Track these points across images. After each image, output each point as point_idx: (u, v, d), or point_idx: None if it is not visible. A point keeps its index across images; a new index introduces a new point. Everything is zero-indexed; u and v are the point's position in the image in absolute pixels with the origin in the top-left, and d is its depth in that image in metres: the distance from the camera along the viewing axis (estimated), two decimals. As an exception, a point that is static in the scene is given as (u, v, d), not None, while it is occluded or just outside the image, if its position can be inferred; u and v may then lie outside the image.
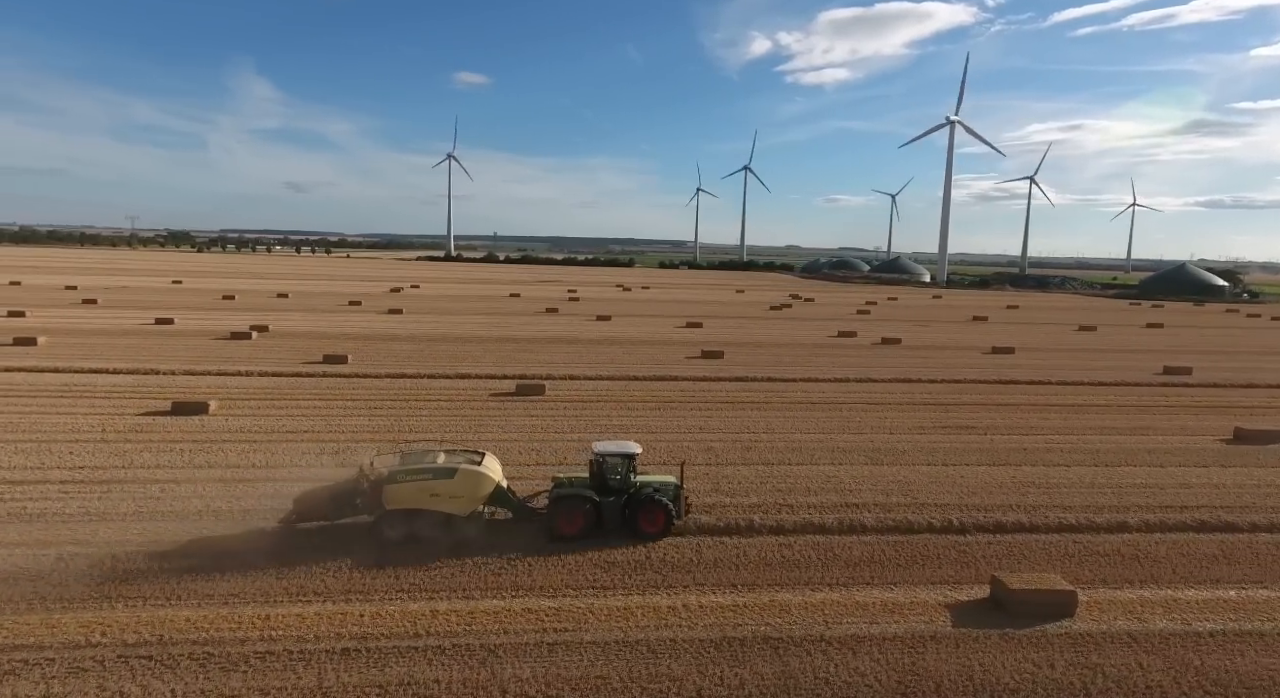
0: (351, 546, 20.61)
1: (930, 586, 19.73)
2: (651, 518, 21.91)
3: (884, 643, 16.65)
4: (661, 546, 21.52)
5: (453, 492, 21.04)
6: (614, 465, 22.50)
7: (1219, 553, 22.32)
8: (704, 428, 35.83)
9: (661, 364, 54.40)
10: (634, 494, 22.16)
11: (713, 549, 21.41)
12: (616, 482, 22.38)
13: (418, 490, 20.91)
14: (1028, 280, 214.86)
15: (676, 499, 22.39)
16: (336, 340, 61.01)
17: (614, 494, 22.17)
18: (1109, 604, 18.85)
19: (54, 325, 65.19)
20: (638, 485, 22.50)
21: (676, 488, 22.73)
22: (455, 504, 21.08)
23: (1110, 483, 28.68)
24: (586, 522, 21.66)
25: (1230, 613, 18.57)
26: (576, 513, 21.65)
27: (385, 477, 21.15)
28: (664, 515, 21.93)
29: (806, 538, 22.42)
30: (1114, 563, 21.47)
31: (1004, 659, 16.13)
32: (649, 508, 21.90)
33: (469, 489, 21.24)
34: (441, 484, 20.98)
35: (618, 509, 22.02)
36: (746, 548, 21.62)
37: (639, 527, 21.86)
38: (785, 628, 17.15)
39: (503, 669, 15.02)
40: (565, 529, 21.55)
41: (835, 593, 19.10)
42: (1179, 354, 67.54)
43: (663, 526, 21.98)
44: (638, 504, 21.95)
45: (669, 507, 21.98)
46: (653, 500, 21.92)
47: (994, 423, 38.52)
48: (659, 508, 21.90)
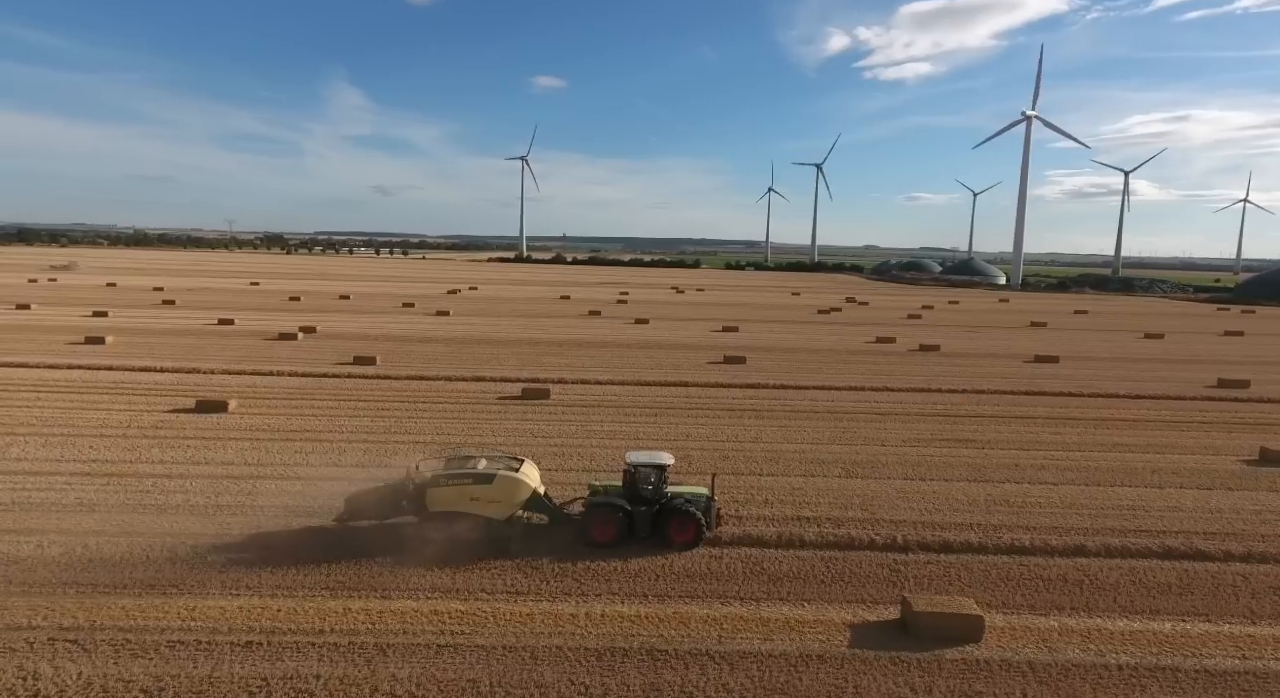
0: (276, 543, 21.93)
1: (846, 604, 19.59)
2: (682, 528, 22.49)
3: (767, 660, 16.73)
4: (593, 553, 21.99)
5: (491, 497, 22.17)
6: (646, 475, 23.10)
7: (1176, 583, 21.27)
8: (691, 436, 36.05)
9: (680, 369, 54.70)
10: (665, 505, 22.76)
11: (641, 559, 21.77)
12: (649, 492, 22.97)
13: (458, 494, 22.14)
14: (1112, 283, 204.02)
15: (707, 511, 22.90)
16: (375, 342, 63.71)
17: (646, 504, 22.79)
18: (1025, 632, 18.33)
19: (127, 325, 70.35)
20: (669, 496, 23.07)
21: (708, 499, 23.24)
22: (494, 509, 22.23)
23: (1093, 504, 27.55)
24: (619, 530, 22.40)
25: (1154, 647, 17.79)
26: (610, 521, 22.40)
27: (429, 480, 22.46)
28: (694, 527, 22.47)
29: (740, 551, 22.51)
30: (1053, 589, 20.75)
31: (881, 683, 16.00)
32: (680, 519, 22.48)
33: (507, 495, 22.33)
34: (481, 489, 22.15)
35: (649, 519, 22.65)
36: (676, 559, 21.89)
37: (670, 537, 22.45)
38: (675, 641, 17.42)
39: (384, 669, 15.87)
40: (599, 536, 22.36)
41: (743, 608, 19.19)
42: (1245, 366, 63.37)
43: (693, 536, 22.49)
44: (669, 515, 22.56)
45: (699, 518, 22.49)
46: (684, 512, 22.46)
47: (998, 437, 37.33)
48: (690, 519, 22.45)
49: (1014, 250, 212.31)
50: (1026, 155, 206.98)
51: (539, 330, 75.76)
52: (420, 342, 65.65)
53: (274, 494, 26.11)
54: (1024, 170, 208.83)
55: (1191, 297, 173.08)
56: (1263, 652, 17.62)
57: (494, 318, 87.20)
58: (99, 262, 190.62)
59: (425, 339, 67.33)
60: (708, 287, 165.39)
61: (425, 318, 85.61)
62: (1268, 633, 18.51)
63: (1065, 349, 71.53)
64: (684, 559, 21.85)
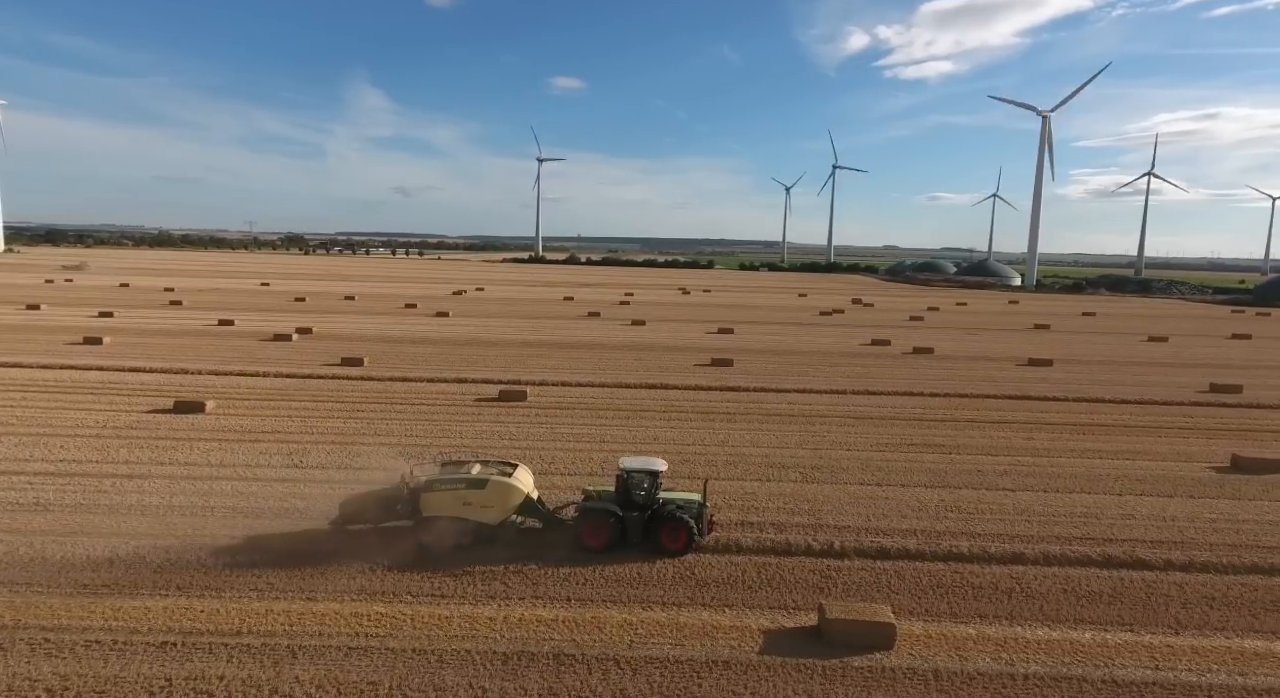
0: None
1: (768, 610, 19.61)
2: (674, 535, 22.58)
3: (672, 666, 16.82)
4: (522, 557, 22.15)
5: (484, 502, 22.49)
6: (639, 481, 23.25)
7: (1108, 591, 21.07)
8: (658, 439, 36.15)
9: (665, 372, 54.78)
10: (657, 511, 22.92)
11: (572, 563, 21.92)
12: (641, 497, 23.12)
13: (452, 499, 22.47)
14: (1129, 284, 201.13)
15: (699, 517, 23.03)
16: (368, 343, 64.40)
17: (638, 510, 22.96)
18: (940, 640, 18.27)
19: (129, 326, 71.65)
20: (661, 502, 23.24)
21: (700, 506, 23.37)
22: (486, 514, 22.56)
23: (1046, 511, 27.32)
24: (610, 535, 22.57)
25: (1067, 656, 17.66)
26: (601, 526, 22.59)
27: (423, 485, 22.84)
28: (686, 533, 22.56)
29: (673, 557, 22.59)
30: (981, 597, 20.64)
31: (780, 689, 16.02)
32: (672, 525, 22.59)
33: (499, 500, 22.65)
34: (473, 494, 22.48)
35: (641, 524, 22.82)
36: (608, 564, 22.03)
37: (661, 543, 22.58)
38: (586, 645, 17.57)
39: (289, 671, 16.13)
40: (590, 541, 22.56)
41: (663, 613, 19.28)
42: (1243, 370, 62.43)
43: (685, 543, 22.58)
44: (661, 521, 22.69)
45: (691, 524, 22.58)
46: (676, 518, 22.59)
47: (969, 442, 37.07)
48: (681, 525, 22.54)
49: (1029, 251, 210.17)
50: (1041, 154, 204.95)
51: (533, 332, 76.15)
52: (413, 343, 66.26)
53: (227, 495, 26.55)
54: (1039, 169, 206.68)
55: (1209, 299, 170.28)
56: (1176, 663, 17.43)
57: (492, 319, 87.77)
58: (119, 262, 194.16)
59: (419, 340, 67.94)
60: (716, 288, 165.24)
61: (424, 319, 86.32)
62: (1187, 643, 18.31)
63: (1062, 352, 70.77)
64: (616, 563, 21.97)
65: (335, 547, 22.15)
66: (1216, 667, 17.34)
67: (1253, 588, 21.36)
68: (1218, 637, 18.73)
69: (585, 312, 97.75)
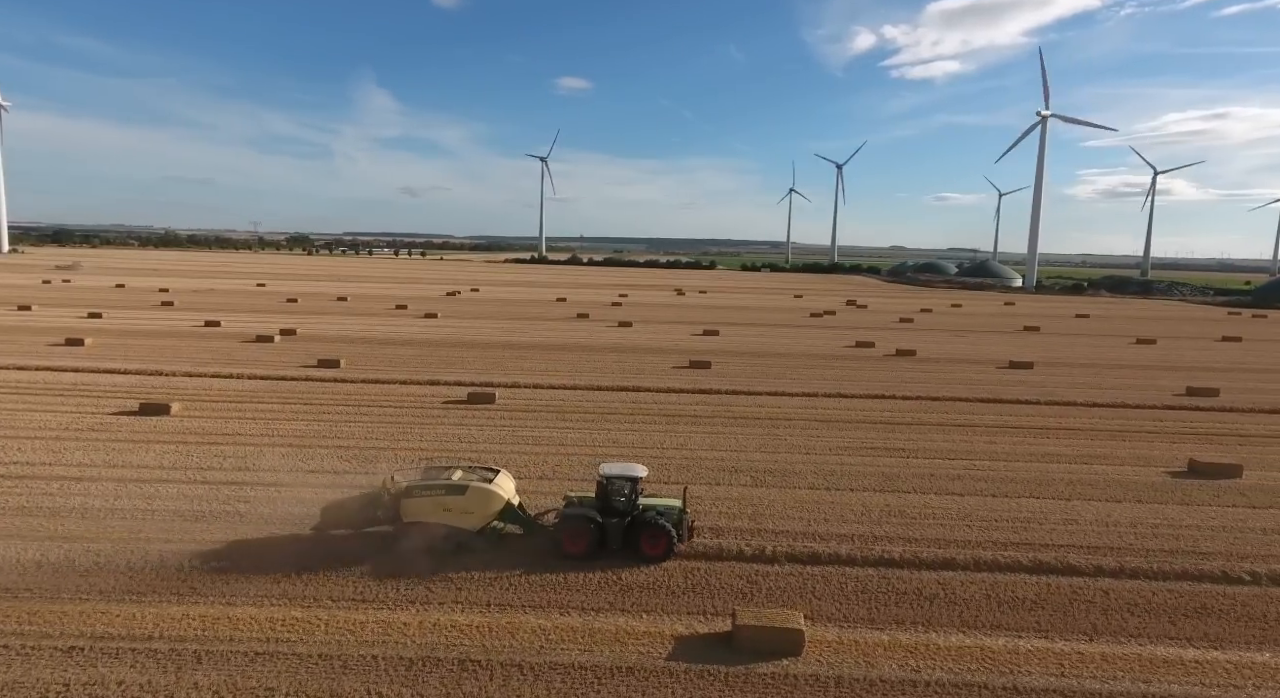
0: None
1: (687, 616, 19.62)
2: (654, 541, 22.60)
3: (576, 672, 16.87)
4: (449, 561, 22.20)
5: (464, 508, 22.56)
6: (619, 487, 23.26)
7: (1032, 598, 21.01)
8: (617, 442, 36.19)
9: (640, 374, 54.81)
10: (637, 517, 22.91)
11: (497, 567, 21.95)
12: (621, 504, 23.14)
13: (432, 505, 22.55)
14: (1131, 285, 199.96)
15: (679, 523, 23.04)
16: (349, 344, 64.67)
17: (618, 516, 22.97)
18: (851, 646, 18.27)
19: (115, 327, 72.11)
20: (641, 508, 23.25)
21: (680, 512, 23.38)
22: (467, 520, 22.62)
23: (989, 516, 27.26)
24: (590, 542, 22.59)
25: (975, 663, 17.62)
26: (581, 533, 22.60)
27: (403, 491, 22.91)
28: (666, 539, 22.56)
29: (600, 562, 22.61)
30: (903, 603, 20.61)
31: (674, 695, 16.07)
32: (651, 531, 22.59)
33: (479, 506, 22.70)
34: (454, 500, 22.55)
35: (621, 531, 22.82)
36: (535, 569, 22.06)
37: (641, 549, 22.61)
38: (495, 651, 17.63)
39: (189, 676, 16.23)
40: (570, 548, 22.58)
41: (580, 618, 19.32)
42: (1226, 373, 62.14)
43: (664, 549, 22.59)
44: (640, 527, 22.69)
45: (671, 531, 22.58)
46: (655, 524, 22.58)
47: (929, 446, 36.98)
48: (661, 532, 22.55)
49: (1028, 252, 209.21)
50: (1042, 156, 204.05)
51: (518, 334, 76.27)
52: (395, 344, 66.46)
53: (171, 499, 26.71)
54: (1039, 171, 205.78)
55: (1209, 300, 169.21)
56: (1083, 670, 17.40)
57: (479, 320, 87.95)
58: (120, 262, 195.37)
59: (402, 342, 68.14)
60: (713, 289, 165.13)
61: (412, 320, 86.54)
62: (1098, 651, 18.26)
63: (1048, 355, 70.52)
64: (543, 570, 21.99)
65: (268, 551, 22.30)
66: (1122, 674, 17.30)
67: (1177, 595, 21.27)
68: (1131, 644, 18.67)
69: (575, 313, 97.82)
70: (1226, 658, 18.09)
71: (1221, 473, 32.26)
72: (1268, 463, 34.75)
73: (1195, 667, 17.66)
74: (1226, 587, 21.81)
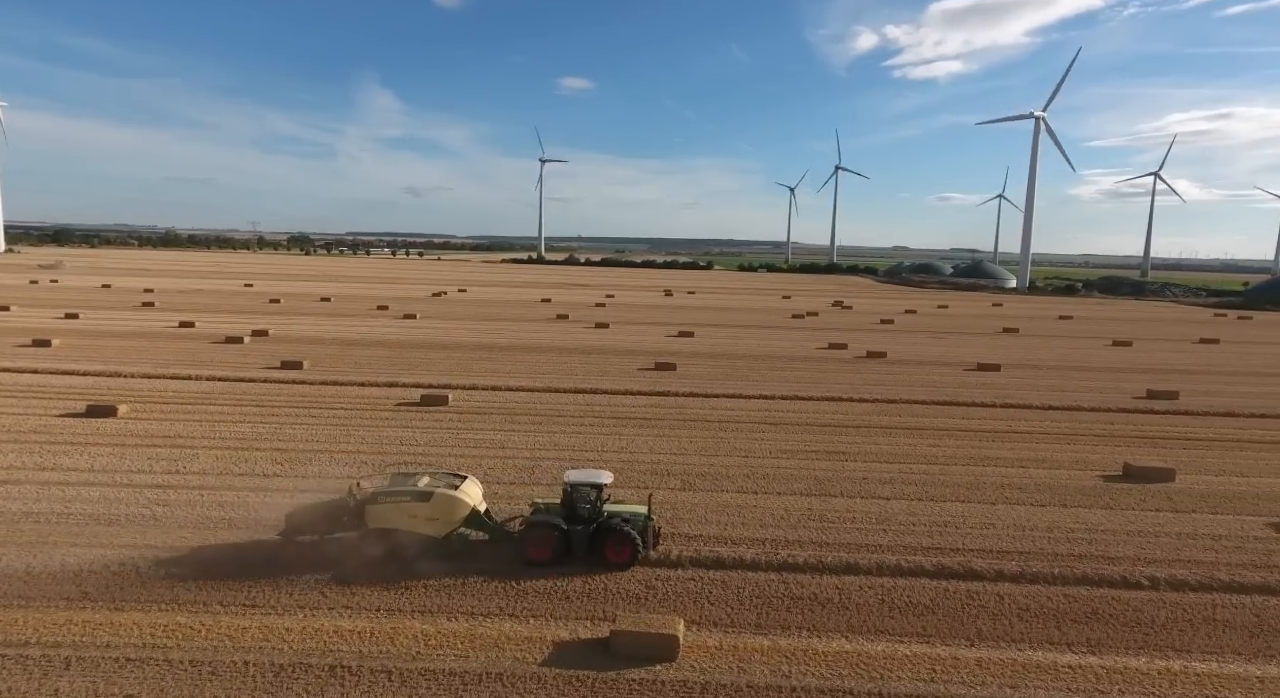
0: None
1: (575, 621, 19.61)
2: (619, 548, 22.55)
3: (443, 678, 16.87)
4: (454, 570, 22.06)
5: (429, 514, 22.56)
6: (585, 494, 23.24)
7: (926, 603, 20.97)
8: (559, 445, 36.20)
9: (603, 376, 54.84)
10: (602, 524, 22.85)
11: (403, 573, 21.92)
12: (586, 511, 23.11)
13: (397, 512, 22.55)
14: (1123, 286, 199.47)
15: (645, 530, 23.00)
16: (319, 346, 64.82)
17: (583, 523, 22.93)
18: (728, 652, 18.26)
19: (88, 328, 72.32)
20: (606, 515, 23.20)
21: (646, 519, 23.34)
22: (432, 527, 22.62)
23: (909, 519, 27.23)
24: (555, 549, 22.55)
25: (847, 668, 17.61)
26: (546, 540, 22.58)
27: (369, 497, 22.90)
28: (631, 546, 22.51)
29: (510, 566, 22.59)
30: (795, 608, 20.57)
31: (535, 702, 16.15)
32: (616, 538, 22.54)
33: (444, 513, 22.70)
34: (419, 507, 22.54)
35: (586, 538, 22.76)
36: (434, 574, 21.97)
37: (606, 556, 22.54)
38: (370, 657, 17.63)
39: (52, 683, 16.25)
40: (535, 555, 22.55)
41: (466, 624, 19.32)
42: (1191, 377, 62.01)
43: (629, 556, 22.53)
44: (605, 534, 22.63)
45: (635, 538, 22.53)
46: (620, 532, 22.53)
47: (872, 449, 36.94)
48: (626, 539, 22.50)
49: (1022, 253, 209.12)
50: (1035, 155, 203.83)
51: (493, 335, 76.35)
52: (366, 345, 66.57)
53: (91, 502, 26.77)
54: (1032, 170, 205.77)
55: (1200, 301, 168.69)
56: (953, 675, 17.38)
57: (457, 321, 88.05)
58: (114, 263, 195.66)
59: (374, 343, 68.23)
60: (705, 290, 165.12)
61: (389, 321, 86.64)
62: (975, 656, 18.24)
63: (1019, 357, 70.48)
64: (441, 573, 22.02)
65: (173, 556, 22.36)
66: (991, 679, 17.29)
67: (1072, 599, 21.24)
68: (1010, 649, 18.66)
69: (555, 314, 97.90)
70: (1101, 663, 18.06)
71: (1155, 477, 32.17)
72: (1203, 467, 34.68)
73: (1066, 672, 17.64)
74: (1123, 592, 21.77)
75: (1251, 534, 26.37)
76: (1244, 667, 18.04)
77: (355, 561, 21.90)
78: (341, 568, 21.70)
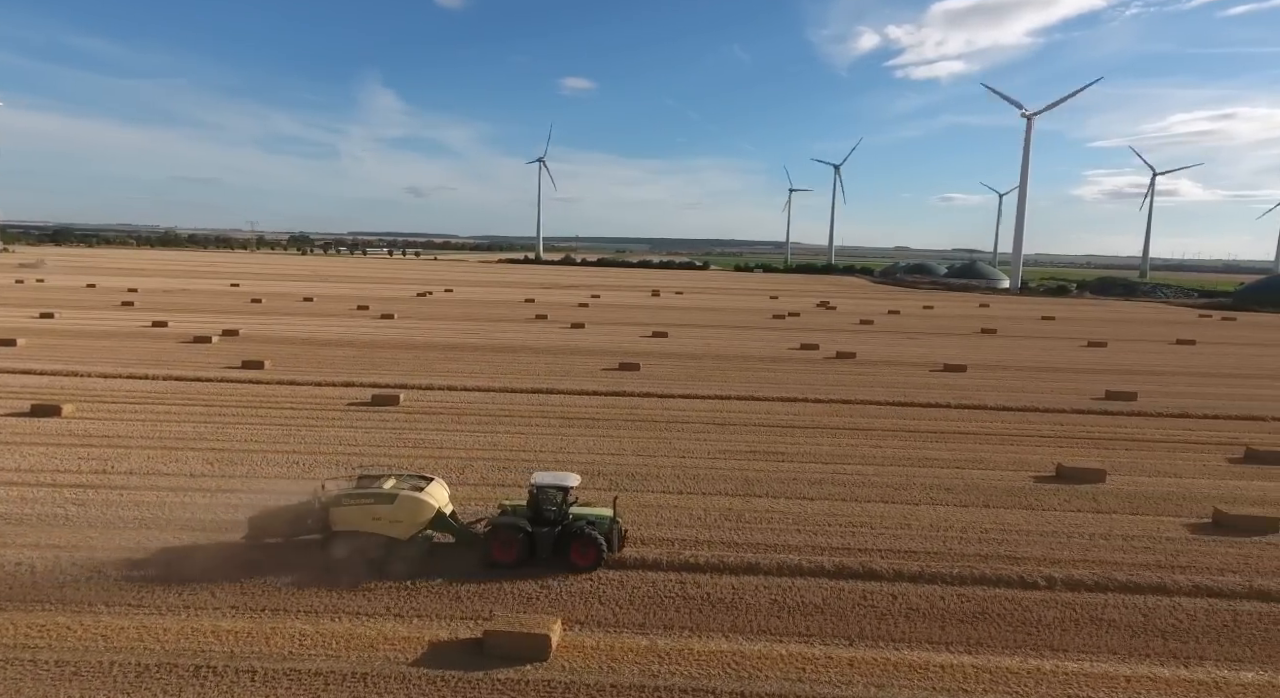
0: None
1: (459, 621, 19.54)
2: (584, 551, 22.50)
3: (308, 678, 16.82)
4: (268, 566, 22.15)
5: (393, 516, 22.46)
6: (551, 496, 23.19)
7: (818, 603, 20.91)
8: (498, 445, 36.16)
9: (565, 376, 54.81)
10: (568, 527, 22.81)
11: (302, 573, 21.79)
12: (552, 513, 23.07)
13: (361, 514, 22.48)
14: (1115, 287, 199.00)
15: (610, 533, 22.97)
16: (288, 345, 64.89)
17: (549, 525, 22.89)
18: (602, 652, 18.21)
19: (59, 328, 72.39)
20: (572, 518, 23.17)
21: (611, 521, 23.30)
22: (396, 529, 22.50)
23: (827, 520, 27.15)
24: (520, 551, 22.49)
25: (719, 668, 17.54)
26: (511, 542, 22.52)
27: (333, 499, 22.87)
28: (595, 549, 22.47)
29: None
30: (684, 608, 20.51)
31: (392, 702, 16.14)
32: (581, 541, 22.50)
33: (408, 515, 22.59)
34: (383, 509, 22.47)
35: (551, 540, 22.71)
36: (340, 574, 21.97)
37: (571, 559, 22.49)
38: (240, 657, 17.51)
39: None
40: (499, 557, 22.48)
41: (347, 624, 19.22)
42: (1155, 377, 61.90)
43: (594, 559, 22.48)
44: (570, 537, 22.59)
45: (600, 541, 22.49)
46: (585, 534, 22.50)
47: (814, 450, 36.84)
48: (591, 542, 22.47)
49: (1014, 253, 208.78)
50: (1027, 154, 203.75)
51: (465, 335, 76.37)
52: (333, 345, 66.57)
53: (8, 502, 26.73)
54: (1024, 169, 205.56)
55: (1190, 302, 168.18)
56: (821, 674, 17.33)
57: (434, 321, 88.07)
58: (106, 262, 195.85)
59: (342, 343, 68.22)
60: (692, 290, 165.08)
61: (366, 321, 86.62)
62: (850, 655, 18.17)
63: (990, 358, 70.39)
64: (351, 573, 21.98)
65: (74, 556, 22.31)
66: (859, 678, 17.26)
67: (965, 599, 21.18)
68: (887, 649, 18.61)
69: (535, 314, 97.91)
70: (974, 662, 18.01)
71: (1085, 478, 32.08)
72: (1138, 468, 34.59)
73: (936, 671, 17.58)
74: (1017, 592, 21.70)
75: (1165, 535, 26.29)
76: (1115, 666, 18.00)
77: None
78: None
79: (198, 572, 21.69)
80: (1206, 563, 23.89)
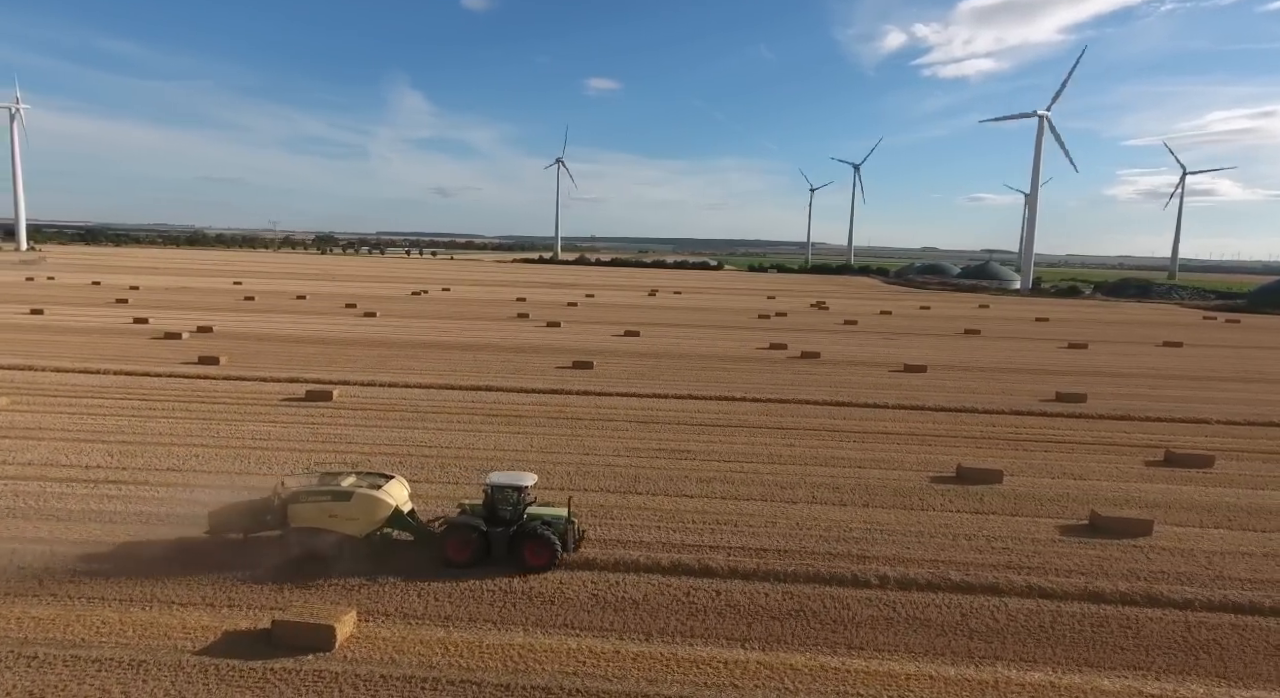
0: None
1: (263, 611, 19.53)
2: (538, 551, 22.63)
3: (80, 664, 17.02)
4: (113, 556, 22.60)
5: (349, 514, 22.73)
6: (506, 497, 23.34)
7: (638, 599, 20.76)
8: (417, 441, 36.27)
9: (515, 373, 55.03)
10: (522, 527, 22.97)
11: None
12: (507, 513, 23.22)
13: (318, 511, 22.78)
14: (1128, 288, 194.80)
15: (565, 533, 23.12)
16: (257, 342, 65.94)
17: (504, 525, 23.05)
18: (392, 644, 18.23)
19: (41, 323, 74.21)
20: (527, 518, 23.36)
21: (566, 521, 23.46)
22: (352, 526, 22.77)
23: (697, 518, 26.95)
24: (474, 551, 22.69)
25: (498, 661, 17.48)
26: (465, 542, 22.75)
27: (291, 496, 23.20)
28: (549, 550, 22.59)
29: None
30: (496, 602, 20.49)
31: (152, 689, 16.28)
32: (535, 541, 22.63)
33: (365, 513, 22.85)
34: (339, 506, 22.75)
35: (506, 540, 22.87)
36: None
37: (524, 559, 22.61)
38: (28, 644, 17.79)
39: None
40: (454, 556, 22.69)
41: (154, 613, 19.45)
42: (1121, 378, 60.57)
43: (548, 559, 22.59)
44: (524, 537, 22.72)
45: (554, 542, 22.62)
46: (539, 535, 22.63)
47: (726, 449, 36.54)
48: (544, 543, 22.60)
49: (1024, 254, 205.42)
50: (1038, 154, 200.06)
51: (437, 333, 76.90)
52: (303, 342, 67.36)
53: (-106, 488, 27.61)
54: (1036, 169, 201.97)
55: (1201, 304, 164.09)
56: (597, 669, 17.22)
57: (415, 320, 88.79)
58: (118, 261, 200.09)
59: (312, 340, 68.99)
60: (693, 290, 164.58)
61: (347, 319, 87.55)
62: (635, 650, 18.05)
63: (960, 359, 69.39)
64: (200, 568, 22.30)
65: None
66: (634, 673, 17.12)
67: (789, 597, 20.91)
68: (680, 644, 18.43)
69: (517, 313, 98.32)
70: (761, 659, 17.85)
71: (981, 478, 31.51)
72: (1040, 469, 33.91)
73: (717, 667, 17.44)
74: (844, 590, 21.39)
75: (1032, 537, 25.72)
76: (901, 665, 17.69)
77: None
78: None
79: (39, 564, 22.09)
80: (1058, 565, 23.36)
